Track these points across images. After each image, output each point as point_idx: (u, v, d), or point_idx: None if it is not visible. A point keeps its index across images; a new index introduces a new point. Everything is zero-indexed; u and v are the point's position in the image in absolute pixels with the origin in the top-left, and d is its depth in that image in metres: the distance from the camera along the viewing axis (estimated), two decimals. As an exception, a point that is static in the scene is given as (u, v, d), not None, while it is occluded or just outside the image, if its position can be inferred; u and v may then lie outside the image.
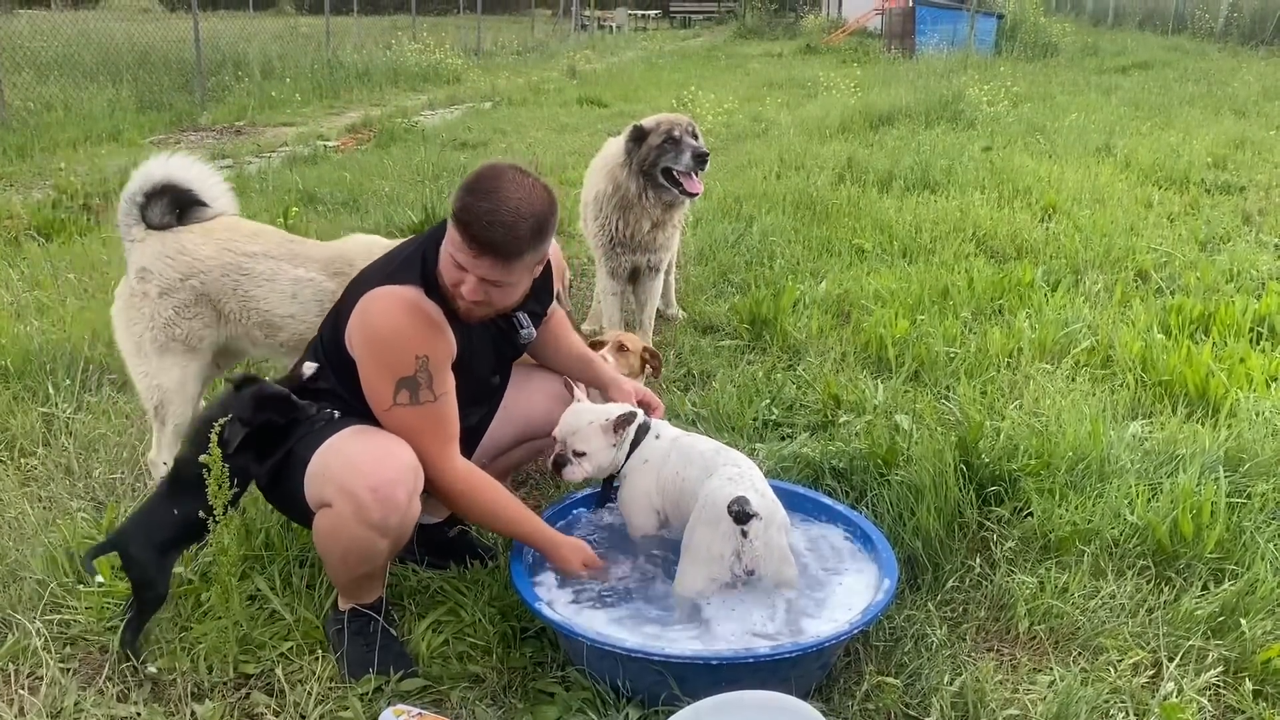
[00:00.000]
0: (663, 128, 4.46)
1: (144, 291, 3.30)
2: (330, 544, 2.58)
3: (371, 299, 2.62)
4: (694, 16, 50.94)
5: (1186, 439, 3.70)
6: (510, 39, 28.80)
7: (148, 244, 3.31)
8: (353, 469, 2.48)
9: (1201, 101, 13.71)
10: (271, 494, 2.80)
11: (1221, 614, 2.79)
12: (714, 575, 2.62)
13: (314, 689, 2.58)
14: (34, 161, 9.85)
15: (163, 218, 3.33)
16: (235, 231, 3.39)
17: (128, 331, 3.36)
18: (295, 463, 2.60)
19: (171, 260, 3.29)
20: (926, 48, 21.34)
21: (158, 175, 3.30)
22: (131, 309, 3.34)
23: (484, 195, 2.49)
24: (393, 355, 2.58)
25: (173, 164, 3.32)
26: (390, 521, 2.50)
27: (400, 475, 2.51)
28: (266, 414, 2.62)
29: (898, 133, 10.93)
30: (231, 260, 3.32)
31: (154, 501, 2.71)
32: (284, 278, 3.33)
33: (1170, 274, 5.97)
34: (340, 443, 2.56)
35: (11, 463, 3.73)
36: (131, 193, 3.29)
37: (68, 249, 6.44)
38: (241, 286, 3.32)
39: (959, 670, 2.66)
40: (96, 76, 14.42)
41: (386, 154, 10.38)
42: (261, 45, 18.54)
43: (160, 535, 2.63)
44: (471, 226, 2.47)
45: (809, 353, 4.85)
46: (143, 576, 2.62)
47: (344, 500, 2.47)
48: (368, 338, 2.61)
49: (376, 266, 2.76)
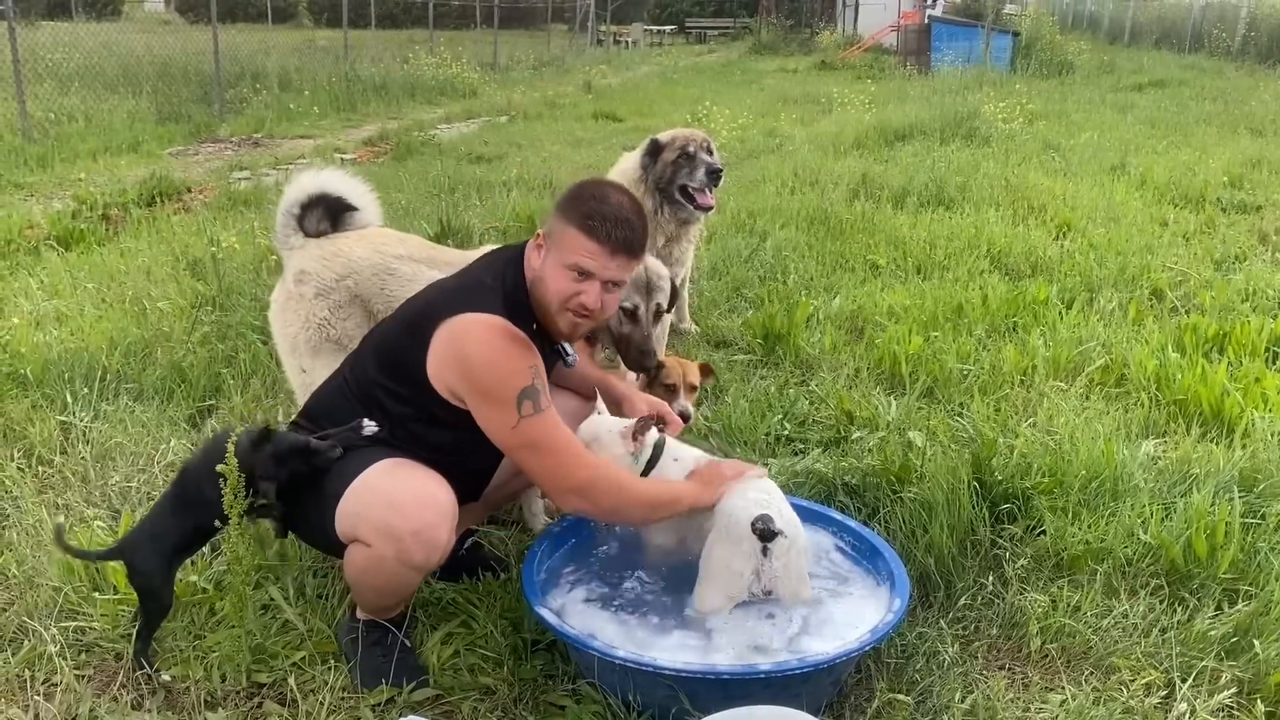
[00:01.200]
0: (678, 143, 4.49)
1: (300, 293, 3.47)
2: (366, 579, 2.59)
3: (462, 328, 2.57)
4: (709, 32, 51.11)
5: (1201, 459, 3.69)
6: (526, 54, 28.93)
7: (306, 249, 3.51)
8: (394, 511, 2.47)
9: (1218, 120, 13.67)
10: (295, 523, 2.78)
11: (1235, 635, 2.78)
12: (732, 593, 2.62)
13: (326, 699, 2.59)
14: (54, 172, 9.95)
15: (318, 225, 3.54)
16: (385, 237, 3.58)
17: (284, 331, 3.53)
18: (325, 495, 2.58)
19: (328, 262, 3.47)
20: (942, 64, 21.38)
21: (311, 187, 3.51)
22: (288, 310, 3.51)
23: (602, 200, 2.61)
24: (509, 369, 2.55)
25: (324, 176, 3.55)
26: (432, 561, 2.54)
27: (441, 518, 2.51)
28: (291, 466, 2.59)
29: (912, 149, 10.94)
30: (380, 261, 3.48)
31: (160, 513, 2.71)
32: (422, 279, 3.42)
33: (1185, 293, 5.96)
34: (377, 480, 2.55)
35: (29, 470, 3.76)
36: (288, 204, 3.52)
37: (86, 259, 6.50)
38: (388, 287, 3.46)
39: (970, 688, 2.66)
40: (117, 88, 14.59)
41: (403, 167, 10.45)
42: (280, 58, 18.69)
43: (167, 545, 2.64)
44: (604, 228, 2.57)
45: (822, 368, 4.85)
46: (147, 586, 2.64)
47: (385, 542, 2.47)
48: (477, 363, 2.55)
49: (445, 299, 2.69)
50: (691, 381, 3.54)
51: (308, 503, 2.63)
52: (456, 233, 6.80)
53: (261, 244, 6.39)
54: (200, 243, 6.54)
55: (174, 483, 2.76)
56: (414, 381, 2.64)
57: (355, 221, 3.61)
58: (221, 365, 4.65)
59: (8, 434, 4.03)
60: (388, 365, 2.72)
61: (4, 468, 3.71)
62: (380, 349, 2.78)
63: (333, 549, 2.64)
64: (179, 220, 7.71)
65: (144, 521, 2.75)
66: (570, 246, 2.61)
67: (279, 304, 3.55)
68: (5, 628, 2.87)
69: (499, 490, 3.13)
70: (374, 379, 2.73)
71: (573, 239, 2.60)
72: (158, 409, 4.25)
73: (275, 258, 6.00)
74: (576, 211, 2.61)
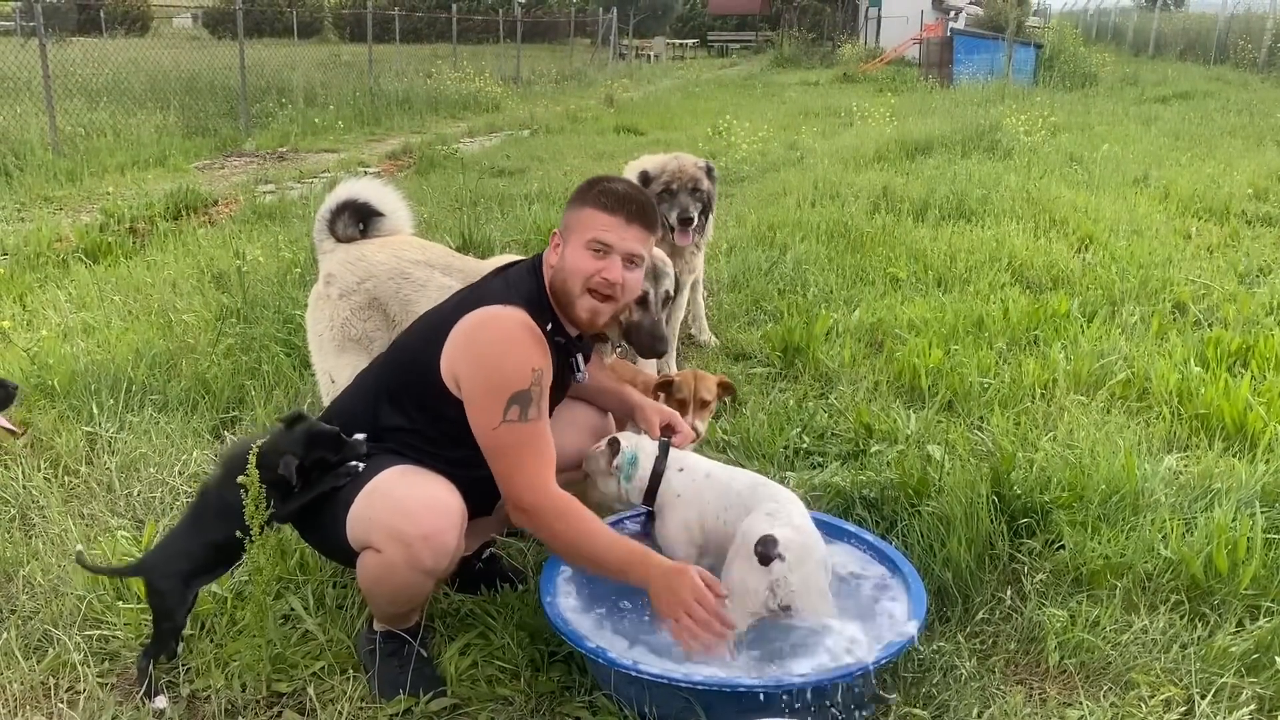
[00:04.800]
0: (663, 178, 4.65)
1: (327, 294, 3.65)
2: (378, 586, 2.61)
3: (482, 317, 2.64)
4: (731, 45, 51.29)
5: (1223, 473, 3.66)
6: (549, 68, 29.12)
7: (335, 253, 3.69)
8: (403, 515, 2.50)
9: (1243, 132, 13.58)
10: (307, 531, 2.81)
11: (1256, 651, 2.75)
12: (750, 610, 2.61)
13: (345, 709, 2.61)
14: (83, 186, 10.10)
15: (346, 230, 3.69)
16: (407, 244, 3.72)
17: (312, 329, 3.72)
18: (337, 503, 2.61)
19: (352, 266, 3.63)
20: (964, 77, 21.36)
21: (342, 194, 3.69)
22: (317, 309, 3.69)
23: (609, 180, 2.79)
24: (511, 367, 2.58)
25: (356, 184, 3.74)
26: (441, 566, 2.56)
27: (450, 522, 2.53)
28: (319, 451, 2.63)
29: (934, 162, 10.91)
30: (398, 266, 3.61)
31: (181, 531, 2.73)
32: (434, 284, 3.57)
33: (1209, 306, 5.91)
34: (386, 485, 2.58)
35: (55, 480, 3.81)
36: (323, 211, 3.71)
37: (114, 271, 6.58)
38: (402, 290, 3.59)
39: (988, 703, 2.65)
40: (145, 103, 14.79)
41: (425, 180, 10.52)
42: (305, 73, 18.88)
43: (185, 565, 2.65)
44: (615, 199, 2.72)
45: (841, 381, 4.85)
46: (163, 606, 2.65)
47: (395, 547, 2.49)
48: (482, 353, 2.61)
49: (463, 303, 2.74)
50: (703, 397, 3.41)
51: (323, 511, 2.65)
52: (478, 245, 6.85)
53: (286, 257, 6.45)
54: (225, 255, 6.62)
55: (194, 500, 2.78)
56: (426, 381, 2.67)
57: (386, 228, 3.75)
58: (245, 377, 4.70)
59: (35, 444, 4.08)
60: (403, 366, 2.77)
61: (31, 477, 3.77)
62: (398, 354, 2.84)
63: (347, 558, 2.67)
64: (204, 233, 7.80)
65: (166, 539, 2.77)
66: (587, 225, 2.71)
67: (311, 303, 3.74)
68: (30, 636, 2.91)
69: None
70: (389, 384, 2.78)
71: (589, 217, 2.71)
72: (182, 420, 4.30)
73: (299, 270, 6.08)
74: (588, 195, 2.75)
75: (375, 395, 2.80)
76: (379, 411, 2.76)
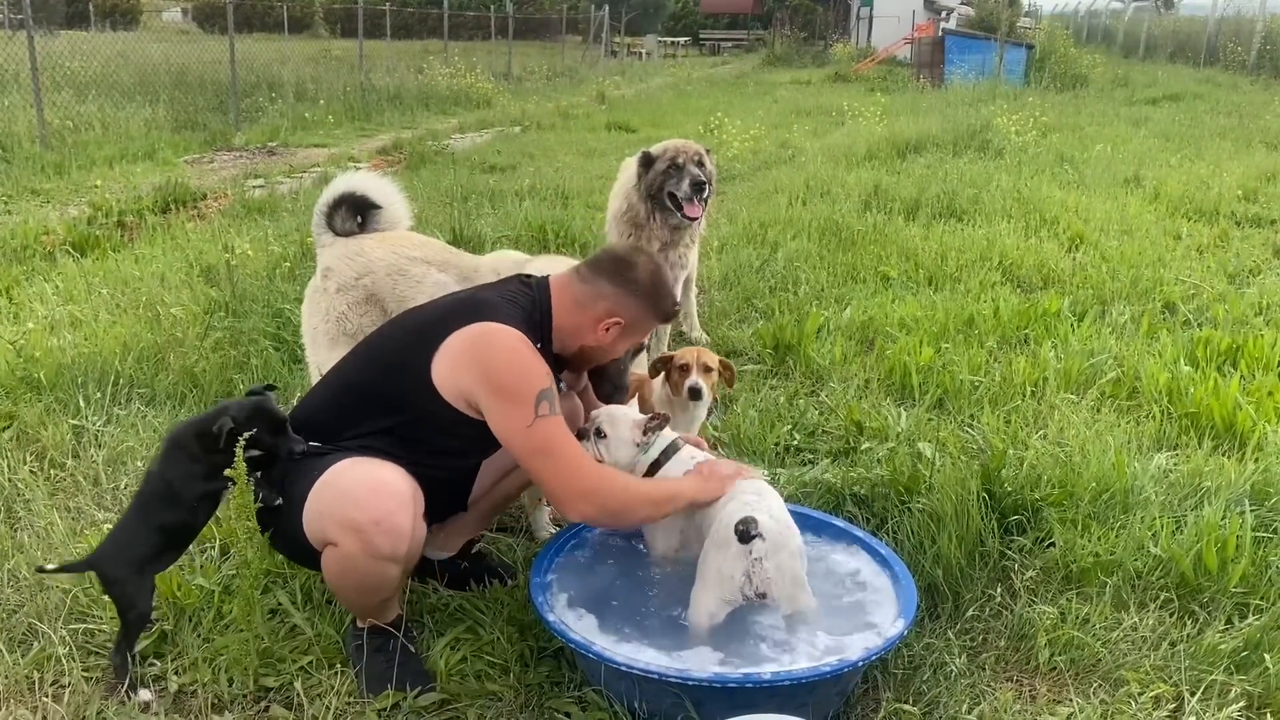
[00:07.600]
0: (668, 154, 4.68)
1: (324, 288, 3.65)
2: (343, 581, 2.60)
3: (484, 331, 2.64)
4: (723, 44, 51.29)
5: (1212, 472, 3.67)
6: (540, 64, 29.07)
7: (334, 247, 3.71)
8: (352, 503, 2.49)
9: (1233, 134, 13.63)
10: (274, 539, 2.77)
11: (1245, 649, 2.76)
12: (725, 597, 2.62)
13: (333, 703, 2.60)
14: (71, 179, 10.03)
15: (344, 224, 3.70)
16: (406, 240, 3.73)
17: (307, 323, 3.73)
18: (292, 503, 2.60)
19: (350, 260, 3.64)
20: (955, 77, 21.40)
21: (340, 187, 3.72)
22: (313, 303, 3.70)
23: (666, 286, 2.90)
24: (530, 370, 2.62)
25: (353, 178, 3.78)
26: (400, 550, 2.52)
27: (400, 502, 2.51)
28: (258, 425, 2.58)
29: (925, 161, 10.93)
30: (395, 262, 3.63)
31: (127, 520, 2.69)
32: (429, 280, 3.59)
33: (1198, 306, 5.93)
34: (333, 477, 2.56)
35: (41, 473, 3.78)
36: (321, 204, 3.73)
37: (101, 265, 6.54)
38: (399, 286, 3.60)
39: (978, 700, 2.65)
40: (134, 96, 14.70)
41: (416, 176, 10.48)
42: (295, 68, 18.84)
43: (137, 553, 2.61)
44: (669, 312, 2.96)
45: (832, 379, 4.85)
46: (124, 596, 2.61)
47: (349, 537, 2.48)
48: (500, 362, 2.62)
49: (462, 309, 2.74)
50: (706, 362, 3.58)
51: (281, 517, 2.63)
52: (468, 241, 6.82)
53: (275, 251, 6.43)
54: (214, 250, 6.58)
55: (139, 486, 2.74)
56: (412, 384, 2.65)
57: (384, 222, 3.75)
58: (234, 371, 4.68)
59: (21, 437, 4.05)
60: (388, 368, 2.73)
61: (17, 470, 3.74)
62: (379, 355, 2.80)
63: (311, 560, 2.65)
64: (193, 227, 7.76)
65: (115, 529, 2.71)
66: (641, 330, 2.94)
67: (307, 297, 3.76)
68: (15, 629, 2.88)
69: (487, 497, 3.14)
70: (368, 383, 2.76)
71: (647, 324, 2.94)
72: (169, 414, 4.27)
73: (288, 265, 6.06)
74: (658, 304, 2.87)
75: (351, 394, 2.78)
76: (352, 410, 2.74)
